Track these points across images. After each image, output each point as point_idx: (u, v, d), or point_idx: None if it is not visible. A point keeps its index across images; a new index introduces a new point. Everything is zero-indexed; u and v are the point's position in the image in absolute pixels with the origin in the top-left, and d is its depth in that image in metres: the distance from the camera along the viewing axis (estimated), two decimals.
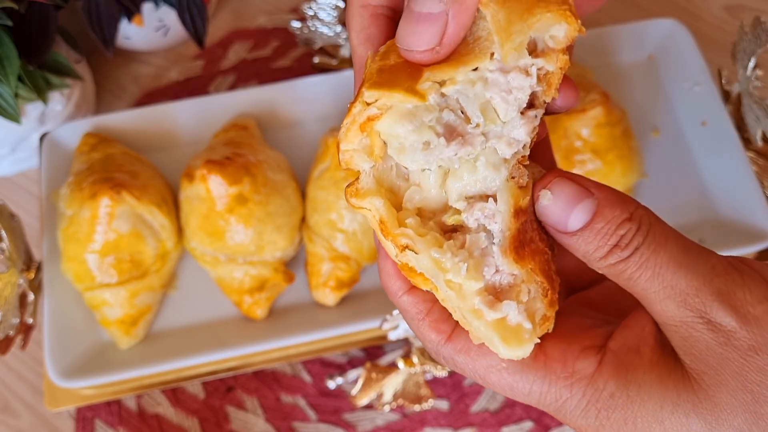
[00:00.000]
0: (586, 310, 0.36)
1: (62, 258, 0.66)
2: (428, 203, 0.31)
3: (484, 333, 0.30)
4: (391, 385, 0.63)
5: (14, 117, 0.69)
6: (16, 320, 0.63)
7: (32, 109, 0.74)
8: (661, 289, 0.30)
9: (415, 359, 0.64)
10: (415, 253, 0.30)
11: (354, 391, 0.64)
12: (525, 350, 0.30)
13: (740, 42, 0.71)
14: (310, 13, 0.72)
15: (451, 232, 0.31)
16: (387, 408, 0.65)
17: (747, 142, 0.72)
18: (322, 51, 0.80)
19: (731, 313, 0.29)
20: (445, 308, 0.32)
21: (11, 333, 0.63)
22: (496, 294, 0.31)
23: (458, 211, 0.31)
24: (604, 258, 0.30)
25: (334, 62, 0.80)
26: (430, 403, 0.65)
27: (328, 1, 0.71)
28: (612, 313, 0.36)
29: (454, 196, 0.31)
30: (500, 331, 0.30)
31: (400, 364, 0.63)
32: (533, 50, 0.30)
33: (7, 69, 0.67)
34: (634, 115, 0.74)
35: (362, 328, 0.64)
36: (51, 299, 0.65)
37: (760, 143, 0.71)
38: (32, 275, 0.66)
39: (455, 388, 0.70)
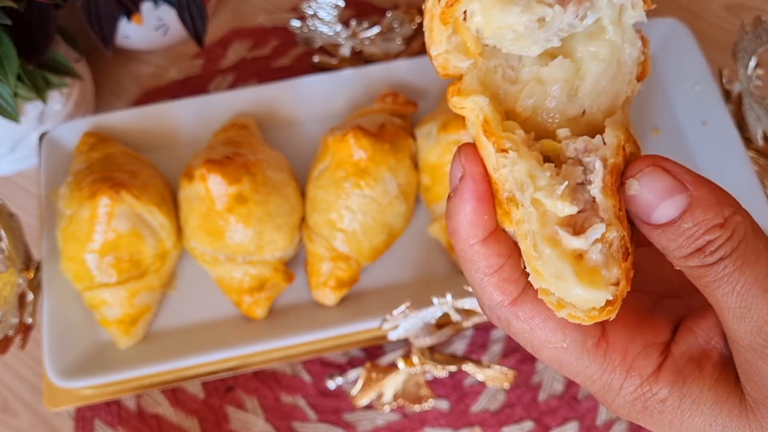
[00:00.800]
0: (644, 280, 0.34)
1: (61, 257, 0.66)
2: (540, 110, 0.29)
3: (556, 265, 0.27)
4: (391, 385, 0.63)
5: (13, 116, 0.69)
6: (15, 320, 0.63)
7: (31, 109, 0.74)
8: (738, 307, 0.28)
9: (415, 359, 0.64)
10: (518, 155, 0.27)
11: (354, 391, 0.64)
12: (600, 295, 0.27)
13: (741, 41, 0.71)
14: (310, 12, 0.72)
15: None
16: (387, 408, 0.65)
17: (748, 141, 0.72)
18: (322, 50, 0.80)
19: None
20: (516, 269, 0.30)
21: (10, 333, 0.63)
22: (576, 232, 0.28)
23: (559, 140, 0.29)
24: (684, 258, 0.28)
25: (333, 61, 0.80)
26: (430, 403, 0.65)
27: (328, 1, 0.70)
28: (664, 281, 0.34)
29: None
30: (576, 266, 0.27)
31: (400, 364, 0.63)
32: None
33: (6, 68, 0.67)
34: (634, 114, 0.74)
35: (362, 328, 0.64)
36: (50, 299, 0.65)
37: (760, 143, 0.71)
38: (31, 275, 0.66)
39: (455, 388, 0.70)
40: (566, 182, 0.27)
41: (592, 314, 0.28)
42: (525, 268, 0.30)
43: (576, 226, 0.28)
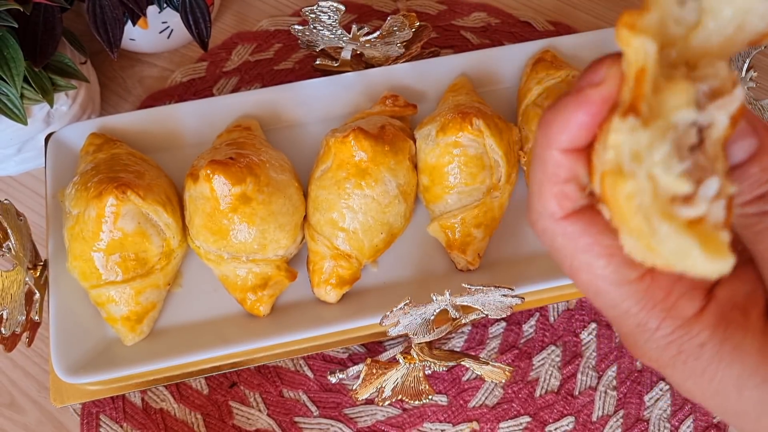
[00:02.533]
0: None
1: (68, 256, 0.67)
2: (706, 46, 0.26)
3: (677, 242, 0.24)
4: (391, 380, 0.65)
5: (21, 119, 0.70)
6: (22, 317, 0.64)
7: (38, 110, 0.75)
8: None
9: (414, 355, 0.65)
10: (643, 126, 0.24)
11: (355, 387, 0.66)
12: (726, 262, 0.24)
13: None
14: (312, 16, 0.73)
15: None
16: (387, 403, 0.66)
17: None
18: (324, 53, 0.81)
19: None
20: (577, 187, 0.29)
21: (17, 330, 0.64)
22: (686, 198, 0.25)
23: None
24: (743, 205, 0.28)
25: (335, 64, 0.81)
26: (429, 398, 0.67)
27: (330, 5, 0.72)
28: None
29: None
30: (698, 237, 0.24)
31: (400, 359, 0.65)
32: None
33: (13, 71, 0.68)
34: None
35: (363, 325, 0.65)
36: (57, 297, 0.66)
37: None
38: (38, 273, 0.67)
39: (454, 383, 0.71)
40: (688, 161, 0.25)
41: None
42: (622, 244, 0.28)
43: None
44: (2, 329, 0.61)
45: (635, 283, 0.29)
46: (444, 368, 0.67)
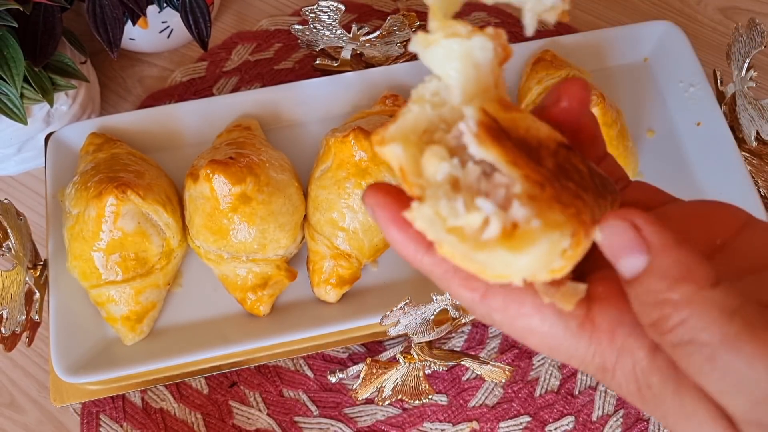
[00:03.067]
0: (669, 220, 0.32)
1: (68, 256, 0.67)
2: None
3: (491, 260, 0.26)
4: (391, 380, 0.65)
5: (21, 118, 0.70)
6: (22, 317, 0.64)
7: (38, 110, 0.75)
8: (724, 390, 0.25)
9: (414, 354, 0.65)
10: (419, 202, 0.27)
11: (355, 386, 0.65)
12: (536, 248, 0.25)
13: (735, 43, 0.72)
14: (312, 15, 0.74)
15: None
16: (387, 403, 0.66)
17: (741, 142, 0.73)
18: (324, 53, 0.81)
19: None
20: None
21: (17, 330, 0.64)
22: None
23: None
24: (646, 327, 0.27)
25: (335, 64, 0.81)
26: (429, 398, 0.67)
27: (330, 5, 0.72)
28: None
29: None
30: (505, 243, 0.26)
31: (400, 359, 0.65)
32: None
33: (13, 70, 0.68)
34: (629, 115, 0.75)
35: (363, 324, 0.65)
36: (57, 296, 0.66)
37: (754, 143, 0.72)
38: (38, 273, 0.67)
39: (454, 383, 0.71)
40: (460, 198, 0.27)
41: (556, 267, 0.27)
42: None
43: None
44: (2, 329, 0.61)
45: (578, 332, 0.29)
46: (444, 368, 0.67)
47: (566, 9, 0.29)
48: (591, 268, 0.31)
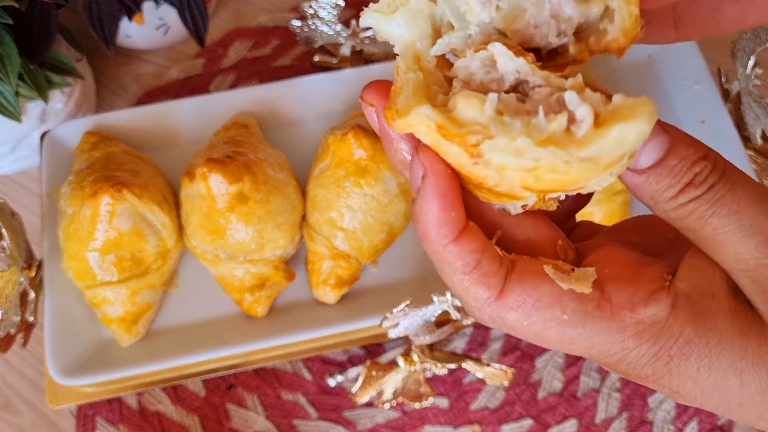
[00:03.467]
0: (621, 235, 0.33)
1: (63, 256, 0.66)
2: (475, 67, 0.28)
3: (606, 148, 0.25)
4: (391, 382, 0.64)
5: (15, 116, 0.69)
6: (17, 318, 0.63)
7: (33, 108, 0.74)
8: (737, 227, 0.27)
9: (415, 357, 0.64)
10: (491, 139, 0.25)
11: (354, 389, 0.65)
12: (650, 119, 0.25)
13: (740, 41, 0.71)
14: (311, 11, 0.73)
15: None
16: (387, 405, 0.65)
17: (746, 140, 0.72)
18: (323, 50, 0.80)
19: None
20: (494, 260, 0.29)
21: (12, 331, 0.63)
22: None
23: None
24: (675, 197, 0.28)
25: (334, 61, 0.80)
26: (430, 401, 0.66)
27: (329, 0, 0.71)
28: (646, 236, 0.33)
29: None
30: (607, 124, 0.25)
31: (400, 361, 0.64)
32: None
33: (8, 67, 0.67)
34: None
35: (362, 326, 0.65)
36: (52, 297, 0.65)
37: (759, 141, 0.72)
38: (33, 273, 0.66)
39: (455, 385, 0.70)
40: (527, 116, 0.26)
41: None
42: (501, 251, 0.29)
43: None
44: None
45: (597, 313, 0.29)
46: (445, 370, 0.66)
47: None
48: (584, 253, 0.32)
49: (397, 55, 0.29)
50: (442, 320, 0.61)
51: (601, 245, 0.32)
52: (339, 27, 0.74)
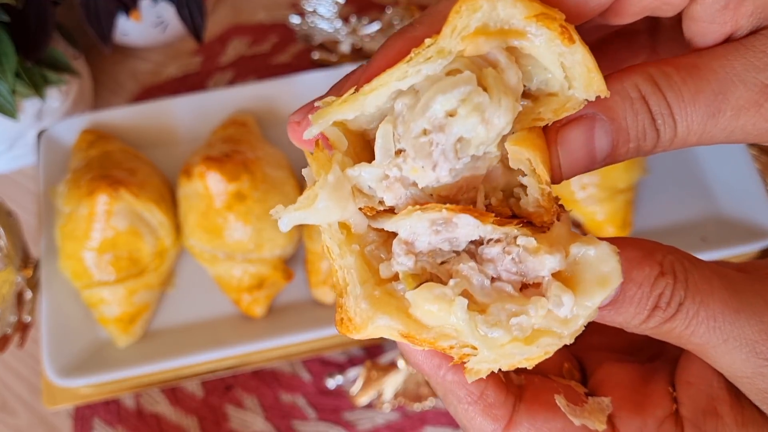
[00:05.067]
0: (605, 351, 0.32)
1: (60, 255, 0.65)
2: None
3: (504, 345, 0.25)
4: (391, 383, 0.63)
5: (11, 112, 0.68)
6: (13, 318, 0.63)
7: (29, 106, 0.73)
8: (722, 342, 0.26)
9: None
10: (472, 347, 0.25)
11: (354, 390, 0.64)
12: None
13: None
14: (310, 8, 0.72)
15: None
16: (387, 407, 0.65)
17: None
18: (322, 47, 0.80)
19: None
20: (500, 389, 0.28)
21: (9, 331, 0.62)
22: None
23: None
24: (645, 322, 0.27)
25: (333, 58, 0.79)
26: (430, 402, 0.65)
27: None
28: (637, 345, 0.32)
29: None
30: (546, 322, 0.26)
31: (400, 362, 0.63)
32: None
33: (4, 65, 0.66)
34: None
35: None
36: (49, 297, 0.65)
37: None
38: (30, 273, 0.66)
39: None
40: (499, 330, 0.25)
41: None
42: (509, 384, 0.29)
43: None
44: None
45: None
46: None
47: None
48: (587, 370, 0.31)
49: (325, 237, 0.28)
50: None
51: (601, 364, 0.31)
52: (338, 24, 0.73)
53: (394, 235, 0.27)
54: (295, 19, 0.74)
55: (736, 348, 0.26)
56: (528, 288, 0.26)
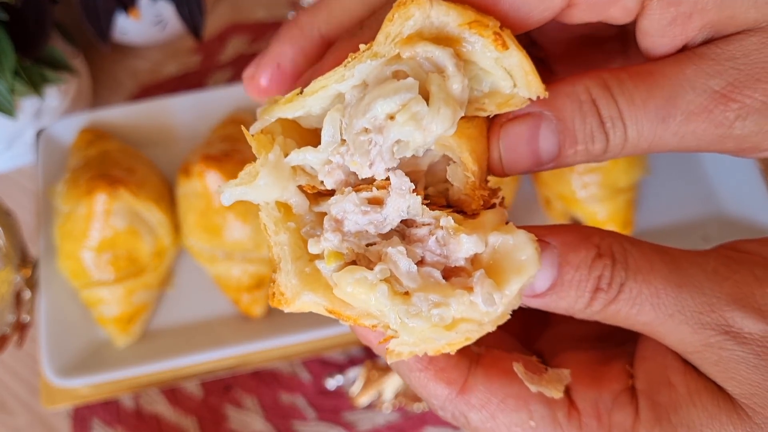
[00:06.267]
0: (571, 342, 0.32)
1: (58, 255, 0.65)
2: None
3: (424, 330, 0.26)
4: (391, 384, 0.63)
5: (10, 111, 0.68)
6: (12, 318, 0.63)
7: (28, 105, 0.73)
8: (668, 317, 0.26)
9: None
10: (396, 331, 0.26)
11: (354, 391, 0.64)
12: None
13: None
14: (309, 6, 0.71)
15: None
16: (387, 407, 0.65)
17: None
18: None
19: (758, 317, 0.25)
20: (451, 354, 0.28)
21: (7, 331, 0.62)
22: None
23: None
24: (589, 306, 0.27)
25: None
26: None
27: None
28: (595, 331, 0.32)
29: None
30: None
31: None
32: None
33: (3, 63, 0.66)
34: None
35: None
36: (47, 297, 0.64)
37: None
38: (28, 272, 0.65)
39: None
40: (419, 321, 0.26)
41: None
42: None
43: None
44: None
45: (566, 422, 0.28)
46: None
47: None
48: (544, 351, 0.31)
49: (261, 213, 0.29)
50: None
51: (565, 351, 0.31)
52: None
53: None
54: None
55: (683, 322, 0.26)
56: (455, 275, 0.26)
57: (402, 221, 0.27)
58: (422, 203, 0.27)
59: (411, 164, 0.28)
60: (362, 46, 0.27)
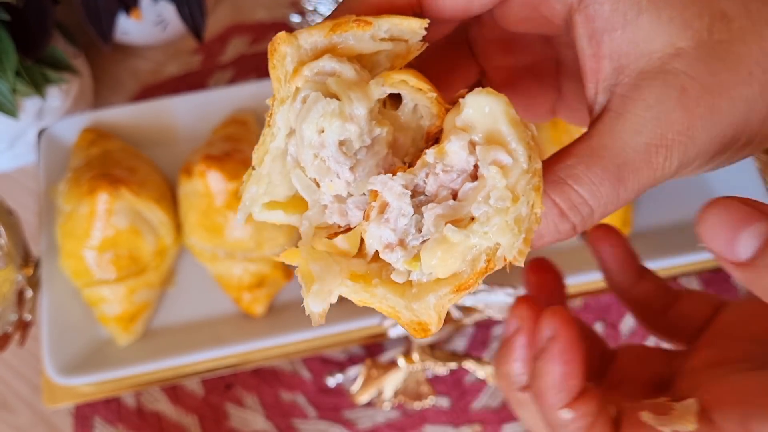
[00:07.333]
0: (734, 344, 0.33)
1: (60, 254, 0.65)
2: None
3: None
4: (391, 382, 0.63)
5: (12, 111, 0.68)
6: (14, 317, 0.63)
7: (30, 105, 0.73)
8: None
9: (415, 356, 0.63)
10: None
11: (354, 389, 0.64)
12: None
13: None
14: (310, 7, 0.72)
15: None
16: (387, 405, 0.65)
17: None
18: None
19: None
20: (606, 426, 0.29)
21: (9, 330, 0.62)
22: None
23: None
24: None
25: None
26: (430, 401, 0.65)
27: None
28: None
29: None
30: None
31: (401, 361, 0.63)
32: None
33: (4, 64, 0.66)
34: None
35: (362, 325, 0.64)
36: (49, 296, 0.65)
37: None
38: (30, 272, 0.66)
39: (456, 385, 0.69)
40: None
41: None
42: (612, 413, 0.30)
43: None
44: None
45: None
46: (446, 370, 0.65)
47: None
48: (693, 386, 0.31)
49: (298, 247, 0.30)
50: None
51: (716, 379, 0.31)
52: None
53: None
54: (295, 18, 0.74)
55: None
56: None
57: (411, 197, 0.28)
58: (405, 170, 0.28)
59: (374, 154, 0.29)
60: (268, 102, 0.29)
